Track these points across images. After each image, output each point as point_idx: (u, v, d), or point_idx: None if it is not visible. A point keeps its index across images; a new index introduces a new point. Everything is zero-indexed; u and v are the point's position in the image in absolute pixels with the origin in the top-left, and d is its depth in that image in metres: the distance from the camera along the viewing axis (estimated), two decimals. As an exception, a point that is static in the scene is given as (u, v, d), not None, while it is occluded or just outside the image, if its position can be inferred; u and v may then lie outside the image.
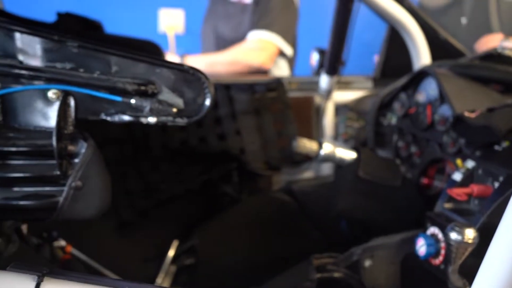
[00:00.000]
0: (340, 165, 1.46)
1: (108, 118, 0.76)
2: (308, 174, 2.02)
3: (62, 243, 1.18)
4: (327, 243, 1.53)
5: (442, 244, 0.97)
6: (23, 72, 0.72)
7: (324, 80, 1.91)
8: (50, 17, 1.22)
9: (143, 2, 3.88)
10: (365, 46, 2.71)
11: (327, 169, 1.99)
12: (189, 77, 0.76)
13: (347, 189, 1.34)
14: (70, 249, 1.17)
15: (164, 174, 1.65)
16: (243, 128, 1.80)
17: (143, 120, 0.76)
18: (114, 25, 1.48)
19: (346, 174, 1.38)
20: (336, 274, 1.12)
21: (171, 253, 1.55)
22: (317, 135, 1.99)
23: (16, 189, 0.76)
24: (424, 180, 1.37)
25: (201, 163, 1.73)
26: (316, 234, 1.61)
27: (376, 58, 2.11)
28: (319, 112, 1.99)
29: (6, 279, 0.49)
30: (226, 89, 1.78)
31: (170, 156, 1.68)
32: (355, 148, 1.49)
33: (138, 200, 1.59)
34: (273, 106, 1.84)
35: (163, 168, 1.66)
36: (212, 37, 2.62)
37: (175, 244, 1.58)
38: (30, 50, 0.74)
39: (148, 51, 0.82)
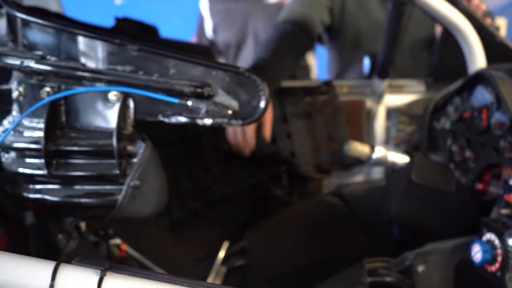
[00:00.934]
0: (392, 169, 1.44)
1: (165, 120, 0.78)
2: (358, 178, 2.00)
3: (118, 241, 1.21)
4: (378, 248, 1.52)
5: (499, 251, 0.95)
6: (85, 74, 0.75)
7: (375, 84, 1.89)
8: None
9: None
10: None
11: (377, 173, 1.97)
12: (244, 79, 0.77)
13: (399, 193, 1.32)
14: (125, 247, 1.21)
15: (215, 175, 1.68)
16: (294, 131, 1.80)
17: (199, 121, 0.77)
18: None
19: (399, 178, 1.37)
20: (388, 279, 1.11)
21: (221, 254, 1.57)
22: (368, 139, 1.98)
23: (77, 187, 0.79)
24: (479, 186, 1.34)
25: (252, 166, 1.75)
26: (366, 238, 1.59)
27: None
28: (370, 116, 1.98)
29: (70, 272, 0.51)
30: (277, 92, 1.79)
31: (221, 158, 1.70)
32: (407, 152, 1.46)
33: (189, 201, 1.62)
34: (324, 109, 1.84)
35: (214, 170, 1.68)
36: (251, 42, 2.63)
37: (225, 245, 1.60)
38: (92, 53, 0.77)
39: (201, 54, 0.83)
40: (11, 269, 0.52)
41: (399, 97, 1.98)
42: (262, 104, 0.78)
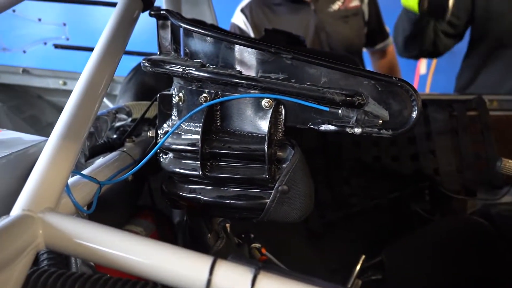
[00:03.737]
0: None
1: (315, 127, 0.79)
2: (507, 198, 1.86)
3: (257, 245, 1.24)
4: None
5: None
6: (242, 81, 0.78)
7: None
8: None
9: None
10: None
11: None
12: (397, 89, 0.76)
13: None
14: (264, 251, 1.23)
15: (355, 188, 1.66)
16: (438, 148, 1.73)
17: (349, 130, 0.77)
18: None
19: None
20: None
21: (357, 266, 1.55)
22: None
23: (228, 188, 0.83)
24: None
25: (392, 180, 1.70)
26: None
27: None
28: (523, 133, 1.83)
29: (227, 268, 0.53)
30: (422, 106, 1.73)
31: (361, 170, 1.68)
32: None
33: (327, 212, 1.62)
34: (472, 126, 1.74)
35: (353, 182, 1.66)
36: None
37: (362, 258, 1.57)
38: (248, 61, 0.80)
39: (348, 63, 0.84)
40: (171, 260, 0.55)
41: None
42: (415, 114, 0.76)
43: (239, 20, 2.63)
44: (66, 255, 0.69)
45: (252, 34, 2.58)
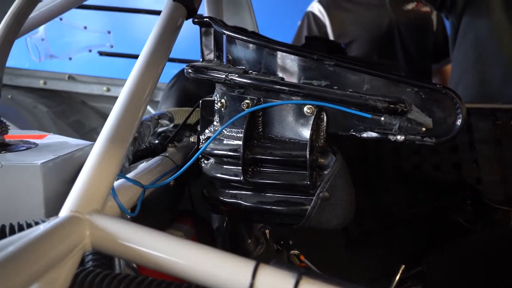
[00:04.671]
0: None
1: (357, 134, 0.79)
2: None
3: (296, 251, 1.24)
4: None
5: None
6: (284, 88, 0.78)
7: None
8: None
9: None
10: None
11: None
12: (441, 96, 0.75)
13: None
14: (303, 258, 1.23)
15: (395, 196, 1.64)
16: (481, 157, 1.69)
17: (391, 137, 0.76)
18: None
19: None
20: None
21: (397, 276, 1.52)
22: None
23: (269, 194, 0.83)
24: None
25: (434, 189, 1.68)
26: None
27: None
28: None
29: (269, 272, 0.53)
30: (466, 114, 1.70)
31: (401, 179, 1.66)
32: None
33: (367, 220, 1.60)
34: None
35: (394, 191, 1.64)
36: (401, 57, 2.57)
37: (401, 268, 1.55)
38: (290, 68, 0.81)
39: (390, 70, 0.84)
40: (214, 263, 0.56)
41: None
42: (459, 122, 0.75)
43: (315, 8, 2.68)
44: (110, 256, 0.70)
45: (327, 23, 2.63)
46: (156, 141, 1.24)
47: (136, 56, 0.88)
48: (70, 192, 0.64)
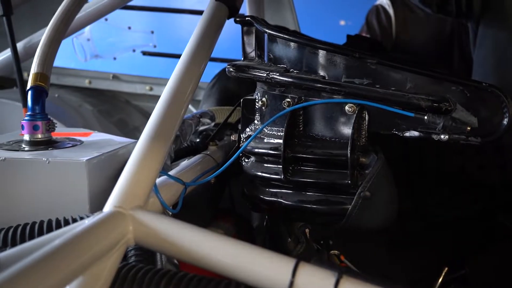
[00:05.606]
0: None
1: (399, 133, 0.78)
2: None
3: (336, 252, 1.23)
4: None
5: None
6: (325, 86, 0.78)
7: None
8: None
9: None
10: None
11: None
12: (486, 95, 0.74)
13: None
14: (343, 258, 1.22)
15: (437, 198, 1.61)
16: None
17: (435, 137, 0.75)
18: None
19: None
20: None
21: (440, 279, 1.50)
22: None
23: (309, 193, 0.83)
24: None
25: (478, 191, 1.64)
26: None
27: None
28: None
29: (309, 271, 0.53)
30: None
31: (444, 180, 1.62)
32: None
33: (408, 221, 1.57)
34: None
35: (436, 192, 1.61)
36: (458, 63, 2.51)
37: (444, 270, 1.52)
38: (331, 66, 0.81)
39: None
40: (255, 260, 0.56)
41: None
42: (506, 121, 0.73)
43: (384, 1, 2.68)
44: (152, 252, 0.71)
45: (393, 17, 2.62)
46: (198, 140, 1.25)
47: (178, 56, 0.89)
48: (114, 188, 0.65)
